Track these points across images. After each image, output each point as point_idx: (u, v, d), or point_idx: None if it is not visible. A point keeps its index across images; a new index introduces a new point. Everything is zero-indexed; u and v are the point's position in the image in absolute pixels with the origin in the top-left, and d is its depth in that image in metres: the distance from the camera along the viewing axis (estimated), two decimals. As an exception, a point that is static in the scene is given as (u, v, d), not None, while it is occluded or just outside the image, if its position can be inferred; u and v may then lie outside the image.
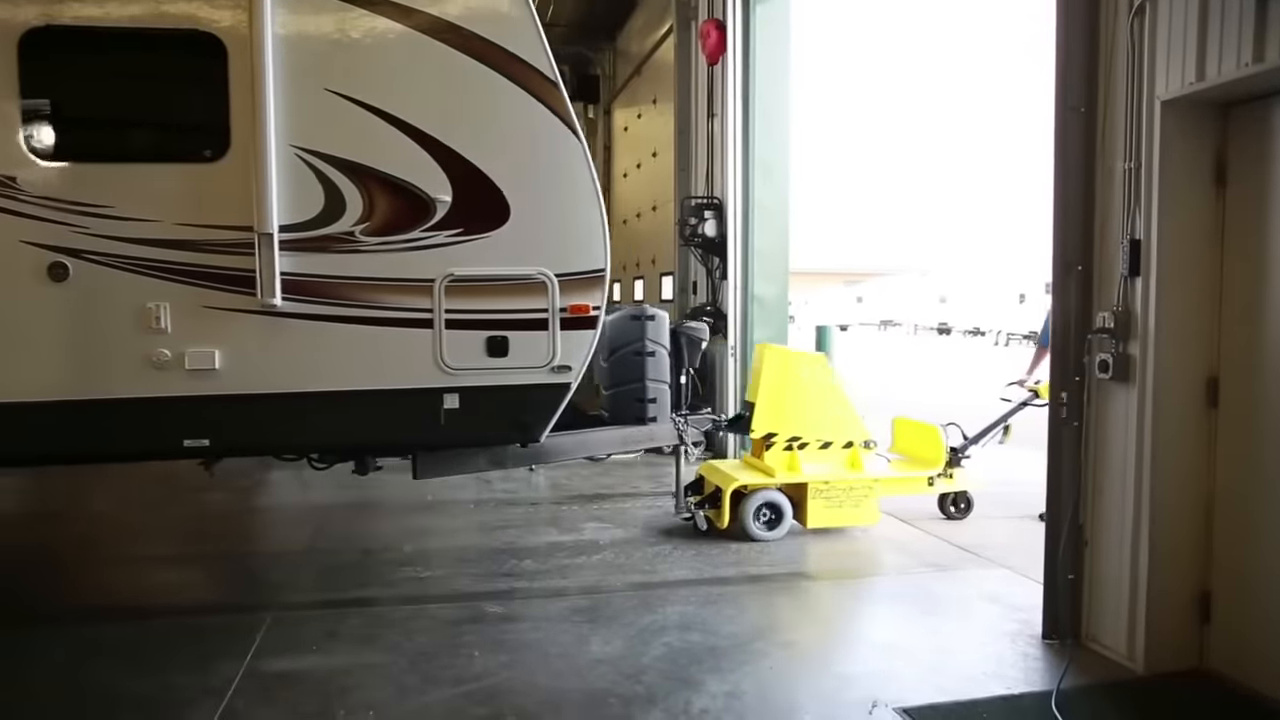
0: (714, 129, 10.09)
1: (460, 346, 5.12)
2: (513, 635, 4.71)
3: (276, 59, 4.83)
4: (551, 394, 5.29)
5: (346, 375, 5.04)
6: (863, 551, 6.42)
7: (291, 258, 4.90)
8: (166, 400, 4.84)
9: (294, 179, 4.89)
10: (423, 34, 5.00)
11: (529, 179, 5.16)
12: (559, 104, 5.14)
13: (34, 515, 7.74)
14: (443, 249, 5.07)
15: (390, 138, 4.97)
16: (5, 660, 4.40)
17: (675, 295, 11.71)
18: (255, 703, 3.93)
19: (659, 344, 6.51)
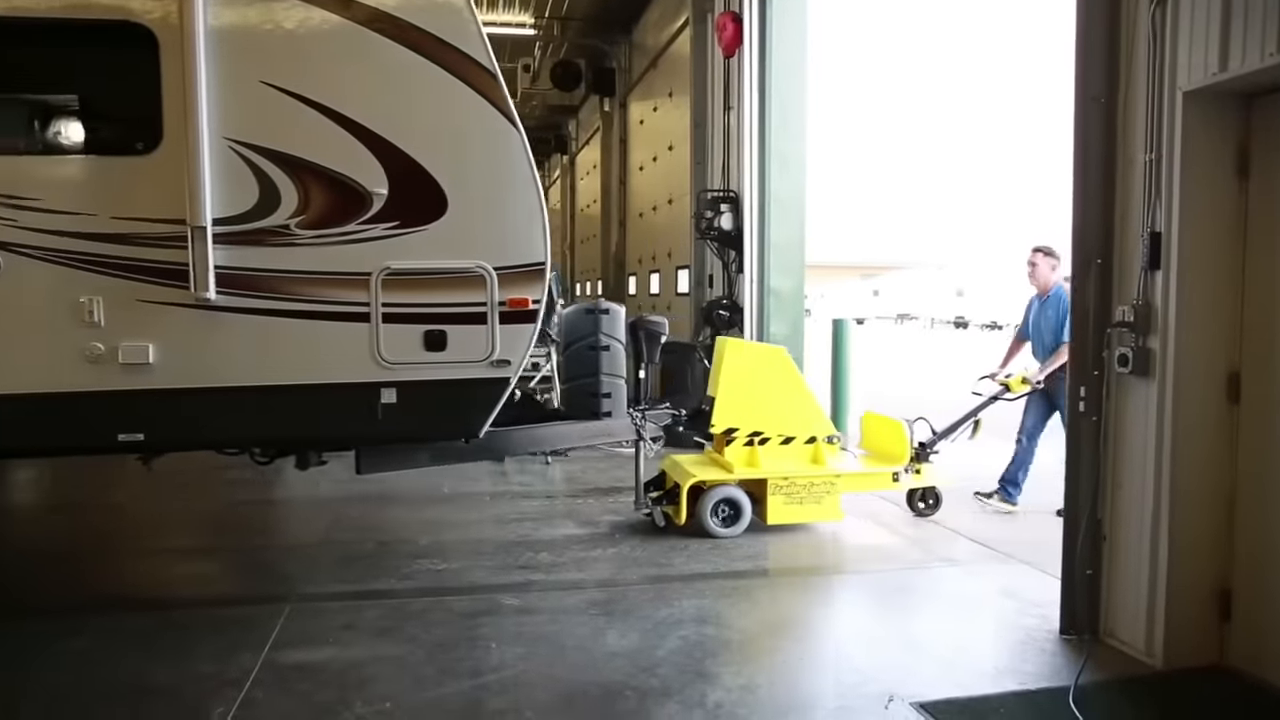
0: (730, 122, 10.07)
1: (397, 340, 5.05)
2: (529, 628, 4.72)
3: (209, 51, 4.77)
4: (491, 389, 5.20)
5: (282, 369, 4.99)
6: (877, 546, 6.40)
7: (226, 251, 4.84)
8: (100, 394, 4.78)
9: (228, 172, 4.84)
10: (358, 25, 4.93)
11: (467, 171, 5.09)
12: (497, 95, 5.05)
13: (53, 507, 7.82)
14: (379, 242, 5.00)
15: (325, 130, 4.91)
16: (32, 649, 4.44)
17: (691, 288, 11.70)
18: (273, 693, 3.96)
19: (613, 338, 6.44)
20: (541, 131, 25.04)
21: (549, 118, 23.33)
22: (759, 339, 9.43)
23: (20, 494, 8.18)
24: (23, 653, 4.42)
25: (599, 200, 18.95)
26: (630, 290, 16.75)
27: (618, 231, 17.28)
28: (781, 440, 6.57)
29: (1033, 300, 7.42)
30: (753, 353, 6.80)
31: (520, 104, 21.81)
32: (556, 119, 23.24)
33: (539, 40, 17.27)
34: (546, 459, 9.05)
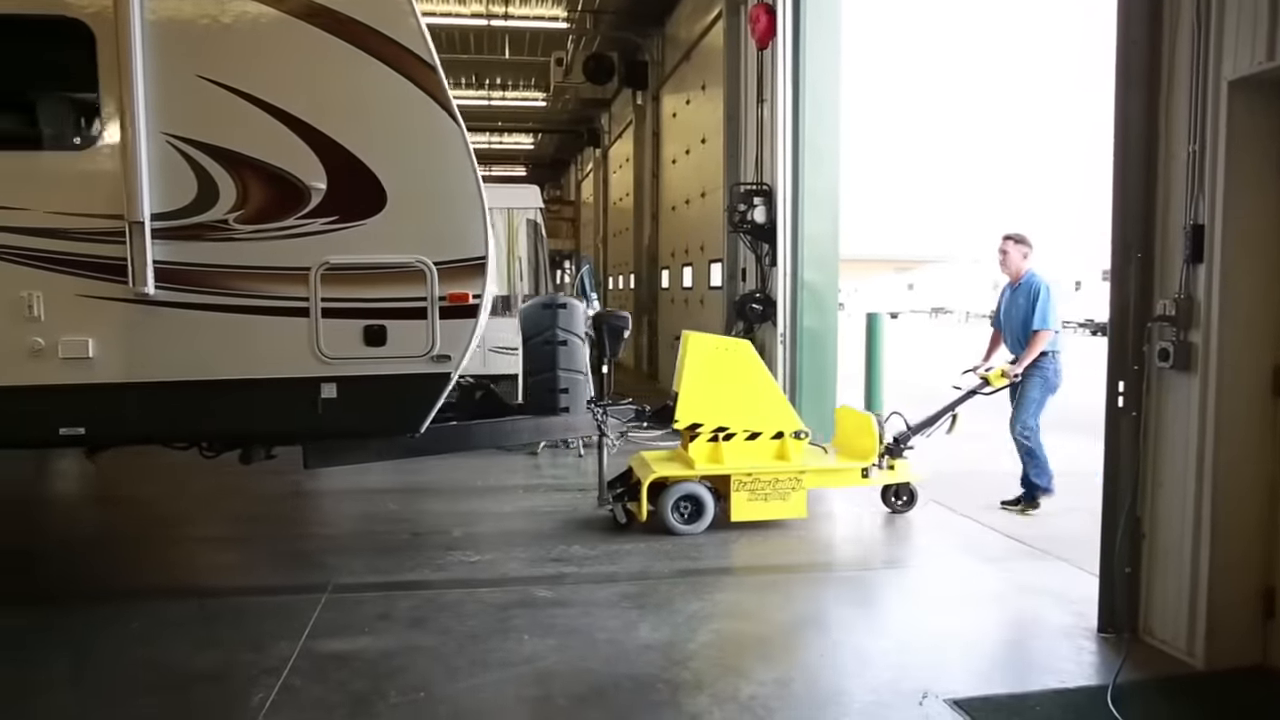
0: (763, 114, 10.02)
1: (337, 335, 5.02)
2: (562, 620, 4.75)
3: (145, 45, 4.75)
4: (431, 384, 5.16)
5: (222, 364, 4.98)
6: (911, 542, 6.36)
7: (164, 246, 4.84)
8: (41, 389, 4.80)
9: (166, 167, 4.82)
10: (294, 18, 4.88)
11: (406, 165, 5.04)
12: (436, 88, 4.99)
13: (100, 498, 7.97)
14: (318, 236, 4.97)
15: (264, 124, 4.88)
16: (86, 634, 4.54)
17: (724, 282, 11.67)
18: (310, 681, 4.01)
19: (571, 333, 6.35)
20: (574, 125, 25.10)
21: (581, 111, 23.36)
22: (792, 333, 9.39)
23: (67, 484, 8.34)
24: (78, 637, 4.52)
25: (631, 194, 18.94)
26: (663, 284, 16.74)
27: (650, 225, 17.27)
28: (747, 436, 6.44)
29: (1005, 288, 7.27)
30: (717, 347, 6.64)
31: (553, 98, 22.03)
32: (589, 112, 23.26)
33: (571, 33, 17.29)
34: (579, 451, 9.08)
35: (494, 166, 33.41)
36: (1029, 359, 6.80)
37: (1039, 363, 6.84)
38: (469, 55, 18.39)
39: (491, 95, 22.24)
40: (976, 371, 7.10)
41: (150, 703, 3.83)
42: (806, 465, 6.48)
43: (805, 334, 9.34)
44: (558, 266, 17.38)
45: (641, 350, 18.19)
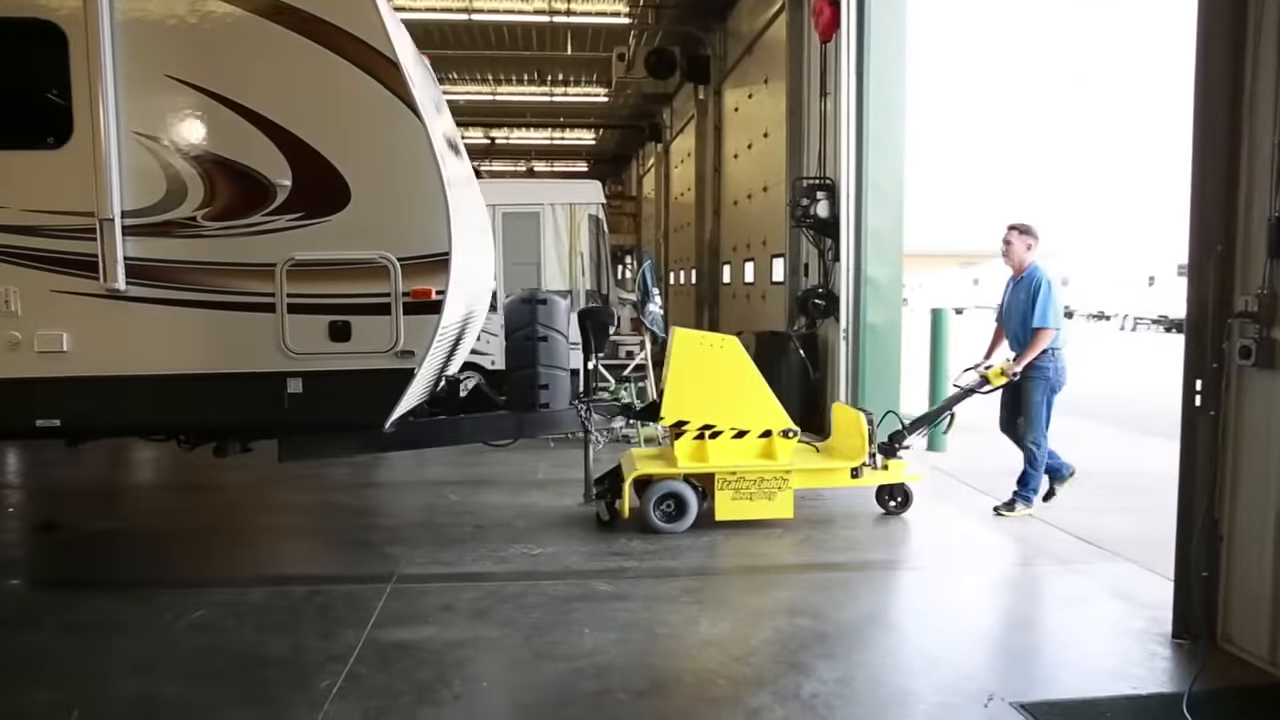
0: (826, 108, 9.92)
1: (302, 331, 5.06)
2: (623, 614, 4.76)
3: (115, 46, 4.85)
4: (395, 379, 5.17)
5: (191, 358, 5.05)
6: (977, 541, 6.25)
7: (135, 242, 4.94)
8: (17, 381, 4.93)
9: (136, 165, 4.93)
10: (260, 17, 4.93)
11: (369, 162, 5.06)
12: (399, 84, 4.98)
13: (175, 486, 8.21)
14: (284, 233, 5.01)
15: (230, 122, 4.95)
16: (163, 619, 4.69)
17: (786, 277, 11.59)
18: (375, 669, 4.08)
19: (552, 328, 6.25)
20: (635, 120, 25.12)
21: (643, 106, 23.37)
22: (855, 329, 9.28)
23: (142, 473, 8.61)
24: (155, 621, 4.67)
25: (693, 188, 18.90)
26: (724, 279, 16.68)
27: (712, 220, 17.22)
28: (734, 434, 6.32)
29: (1008, 281, 6.98)
30: (703, 343, 6.52)
31: (614, 93, 22.08)
32: (651, 107, 23.25)
33: (633, 28, 17.31)
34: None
35: (556, 162, 33.62)
36: (1029, 357, 6.55)
37: (1039, 362, 6.57)
38: (531, 52, 18.53)
39: (554, 91, 22.37)
40: (977, 369, 6.90)
41: (220, 687, 3.94)
42: (792, 464, 6.33)
43: (868, 330, 9.23)
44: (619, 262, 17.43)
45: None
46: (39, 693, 3.87)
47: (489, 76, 21.42)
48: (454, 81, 21.77)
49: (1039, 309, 6.49)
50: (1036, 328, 6.50)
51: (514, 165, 33.23)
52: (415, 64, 5.60)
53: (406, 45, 5.48)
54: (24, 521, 7.28)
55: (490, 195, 12.41)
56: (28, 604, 5.11)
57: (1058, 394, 6.67)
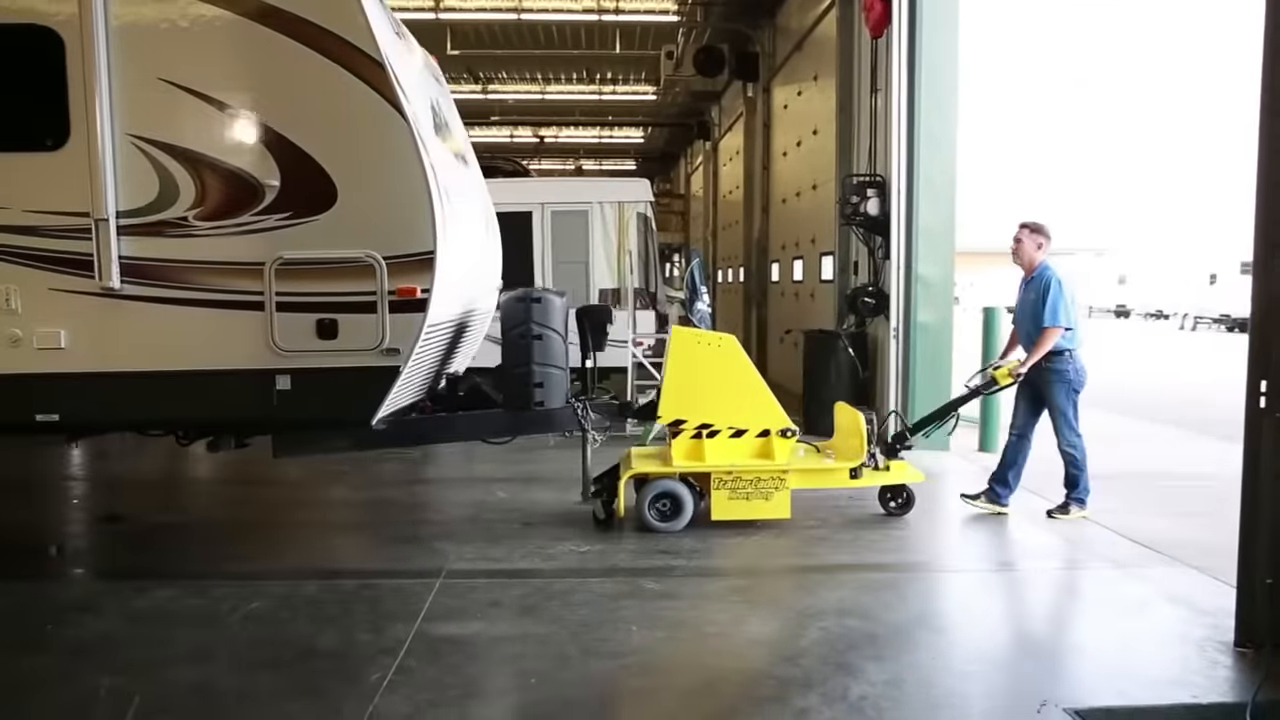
0: (877, 104, 9.82)
1: (291, 328, 5.13)
2: (670, 612, 4.76)
3: (110, 50, 4.99)
4: (381, 376, 5.21)
5: (183, 355, 5.15)
6: (1031, 542, 6.14)
7: (129, 242, 5.07)
8: (18, 377, 5.09)
9: (130, 166, 5.05)
10: (249, 19, 5.02)
11: (356, 162, 5.12)
12: (384, 84, 5.02)
13: (227, 481, 8.38)
14: (272, 232, 5.09)
15: (220, 124, 5.06)
16: (219, 610, 4.79)
17: (835, 275, 11.50)
18: (425, 663, 4.13)
19: (546, 327, 6.18)
20: (684, 118, 25.08)
21: (692, 104, 23.32)
22: (906, 328, 9.18)
23: (199, 468, 8.79)
24: (213, 612, 4.78)
25: (742, 186, 18.82)
26: (773, 277, 16.59)
27: (760, 218, 17.14)
28: (732, 433, 6.24)
29: (1021, 281, 6.82)
30: (700, 341, 6.46)
31: (663, 91, 22.04)
32: (699, 105, 23.20)
33: (682, 26, 17.28)
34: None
35: (604, 160, 33.70)
36: (1036, 357, 6.40)
37: (1056, 364, 6.40)
38: (580, 50, 18.57)
39: (602, 90, 22.42)
40: (985, 370, 6.73)
41: (274, 678, 4.02)
42: (789, 465, 6.24)
43: (919, 329, 9.11)
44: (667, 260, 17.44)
45: (750, 346, 18.08)
46: (104, 679, 3.97)
47: (538, 75, 21.52)
48: (503, 81, 21.93)
49: (1048, 308, 6.35)
50: (1045, 327, 6.36)
51: (562, 164, 33.37)
52: (407, 64, 5.65)
53: (397, 46, 5.53)
54: (88, 513, 7.48)
55: (539, 194, 12.56)
56: (93, 593, 5.25)
57: (1079, 393, 6.53)
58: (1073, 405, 6.46)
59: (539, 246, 12.02)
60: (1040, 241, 6.64)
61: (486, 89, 22.19)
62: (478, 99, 22.88)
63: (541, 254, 12.01)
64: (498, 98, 22.89)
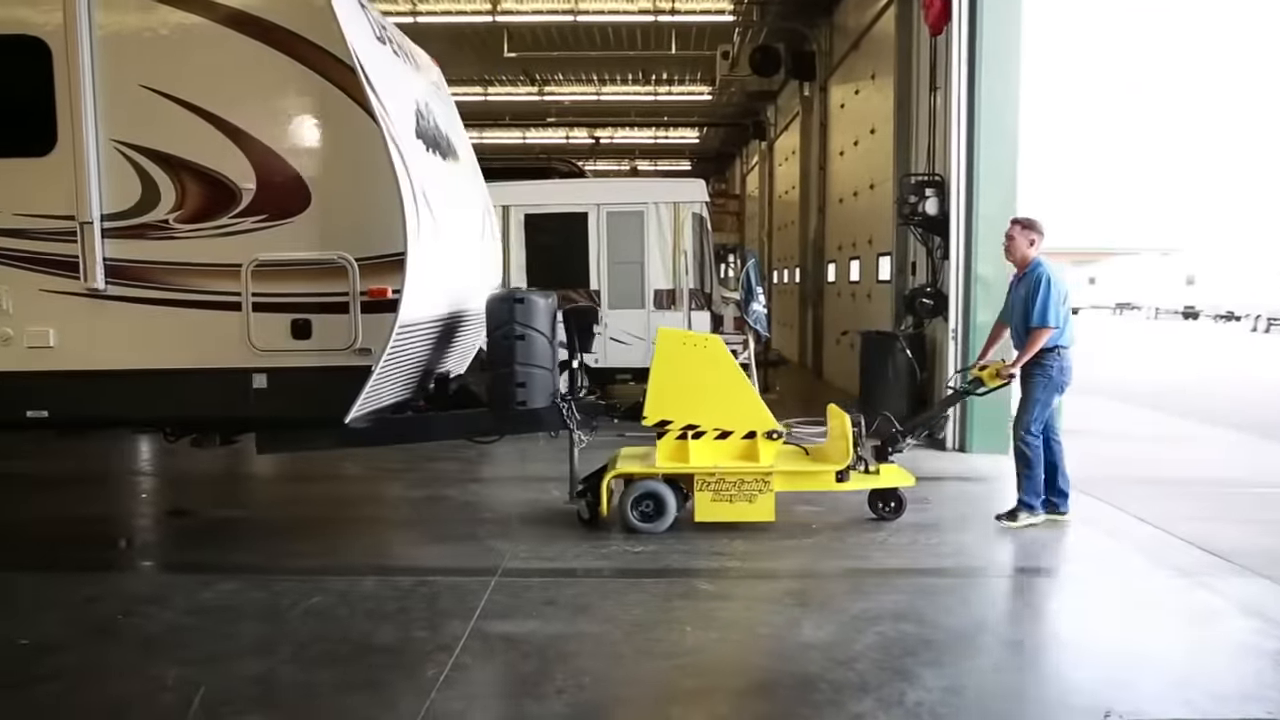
0: (936, 102, 9.69)
1: (267, 328, 5.24)
2: (724, 613, 4.75)
3: (95, 58, 5.18)
4: (353, 376, 5.27)
5: (165, 354, 5.30)
6: (1094, 549, 6.01)
7: (113, 244, 5.25)
8: (9, 374, 5.29)
9: (114, 171, 5.22)
10: (225, 26, 5.15)
11: (329, 165, 5.23)
12: (357, 90, 5.10)
13: (287, 478, 8.54)
14: (249, 234, 5.22)
15: (199, 129, 5.17)
16: (281, 605, 4.89)
17: (893, 276, 11.37)
18: (481, 660, 4.17)
19: (530, 327, 6.15)
20: (739, 118, 24.99)
21: (747, 104, 23.23)
22: (964, 329, 9.04)
23: (260, 465, 8.97)
24: (274, 606, 4.88)
25: (797, 186, 18.70)
26: (829, 278, 16.46)
27: (817, 218, 17.01)
28: (717, 434, 6.18)
29: (1012, 278, 6.62)
30: (686, 342, 6.39)
31: (718, 91, 22.02)
32: (755, 105, 23.10)
33: (738, 26, 17.22)
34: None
35: (659, 161, 33.72)
36: (1026, 357, 6.23)
37: (1041, 360, 6.23)
38: (636, 51, 18.61)
39: (658, 90, 22.43)
40: (972, 370, 6.57)
41: (334, 672, 4.08)
42: (773, 467, 6.14)
43: (979, 330, 8.94)
44: (722, 260, 17.38)
45: (806, 347, 17.93)
46: (170, 669, 4.08)
47: (594, 76, 21.60)
48: (559, 82, 22.05)
49: (1038, 307, 6.18)
50: (1034, 326, 6.20)
51: (617, 164, 33.45)
52: (388, 68, 5.75)
53: (377, 50, 5.63)
54: (155, 507, 7.69)
55: (594, 194, 12.61)
56: (160, 585, 5.40)
57: (1061, 394, 6.38)
58: (1046, 404, 6.30)
59: (594, 247, 12.07)
60: (1033, 238, 6.48)
61: (543, 91, 22.34)
62: (534, 100, 23.05)
63: (597, 255, 12.06)
64: (554, 99, 23.03)
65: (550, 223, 12.19)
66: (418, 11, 16.01)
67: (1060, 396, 6.39)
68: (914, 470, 6.64)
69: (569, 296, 12.05)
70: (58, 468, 8.36)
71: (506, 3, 16.05)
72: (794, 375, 16.63)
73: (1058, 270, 6.34)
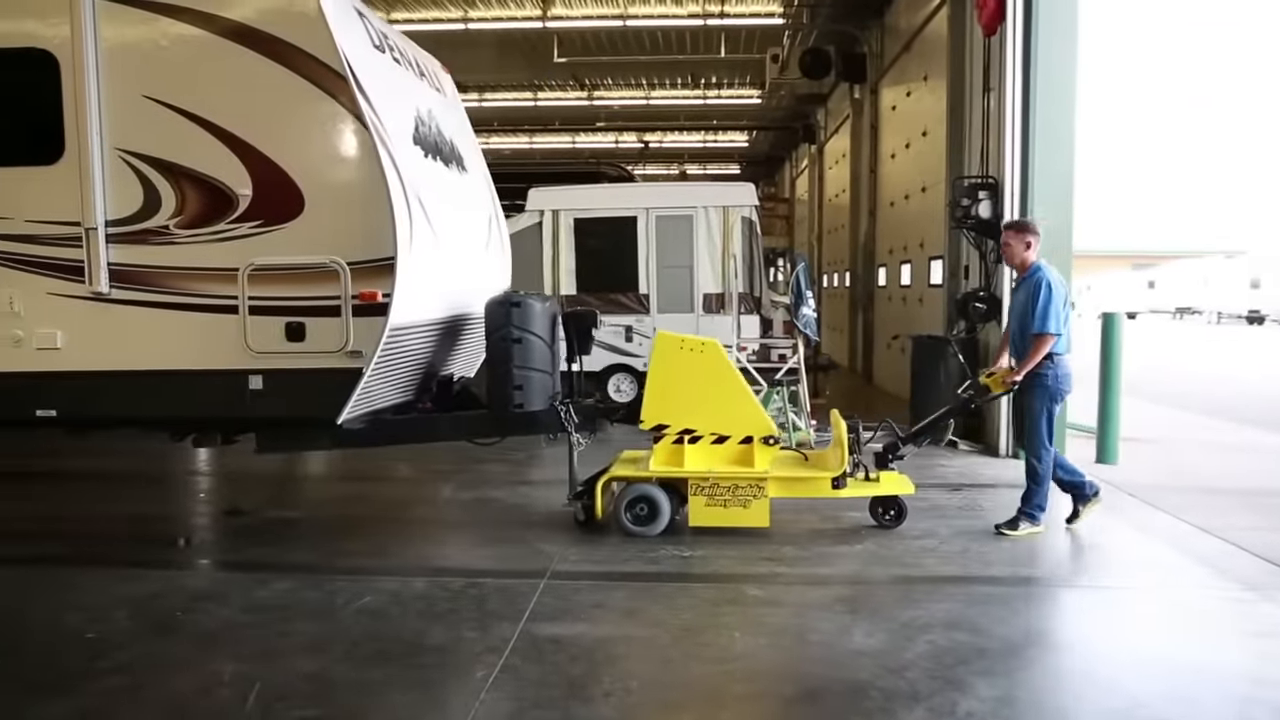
0: (990, 104, 9.55)
1: (262, 331, 5.39)
2: (773, 619, 4.72)
3: (100, 70, 5.39)
4: (345, 378, 5.40)
5: (165, 356, 5.48)
6: (1154, 560, 5.87)
7: (116, 249, 5.46)
8: (20, 375, 5.53)
9: (117, 178, 5.43)
10: (223, 38, 5.31)
11: (321, 171, 5.37)
12: (348, 97, 5.23)
13: (340, 478, 8.67)
14: (245, 239, 5.37)
15: (198, 137, 5.35)
16: (334, 604, 4.97)
17: (945, 280, 11.23)
18: (530, 662, 4.19)
19: (526, 330, 6.21)
20: (789, 121, 24.88)
21: (797, 107, 23.11)
22: (1019, 333, 8.88)
23: (314, 465, 9.13)
24: (327, 605, 4.96)
25: (848, 189, 18.57)
26: (880, 282, 16.31)
27: (867, 221, 16.87)
28: (714, 439, 6.15)
29: (1015, 282, 6.48)
30: (684, 346, 6.31)
31: (768, 94, 21.95)
32: (805, 108, 22.98)
33: (788, 29, 17.14)
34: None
35: (708, 165, 33.68)
36: (1030, 365, 6.06)
37: (1037, 369, 6.07)
38: (685, 55, 18.60)
39: (707, 94, 22.41)
40: (981, 376, 6.44)
41: (385, 671, 4.13)
42: (767, 472, 6.08)
43: (1034, 335, 8.81)
44: (771, 264, 17.30)
45: (856, 351, 17.78)
46: (227, 665, 4.17)
47: (643, 81, 21.64)
48: (609, 87, 22.12)
49: (1038, 314, 6.02)
50: (1035, 333, 6.05)
51: (666, 169, 33.47)
52: (385, 75, 5.86)
53: (374, 57, 5.76)
54: (213, 507, 7.86)
55: (644, 199, 12.63)
56: (218, 583, 5.51)
57: (1059, 403, 6.23)
58: (1047, 414, 6.15)
59: (643, 251, 12.10)
60: (1029, 240, 6.34)
61: (592, 95, 22.43)
62: (583, 105, 23.15)
63: (646, 259, 12.09)
64: (603, 103, 23.11)
65: (599, 227, 12.24)
66: (469, 19, 16.17)
67: (1060, 404, 6.28)
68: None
69: (617, 300, 12.11)
70: (121, 467, 8.58)
71: (556, 8, 16.14)
72: (844, 380, 16.49)
73: (1058, 274, 6.24)
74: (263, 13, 5.33)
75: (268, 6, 5.35)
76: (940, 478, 8.02)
